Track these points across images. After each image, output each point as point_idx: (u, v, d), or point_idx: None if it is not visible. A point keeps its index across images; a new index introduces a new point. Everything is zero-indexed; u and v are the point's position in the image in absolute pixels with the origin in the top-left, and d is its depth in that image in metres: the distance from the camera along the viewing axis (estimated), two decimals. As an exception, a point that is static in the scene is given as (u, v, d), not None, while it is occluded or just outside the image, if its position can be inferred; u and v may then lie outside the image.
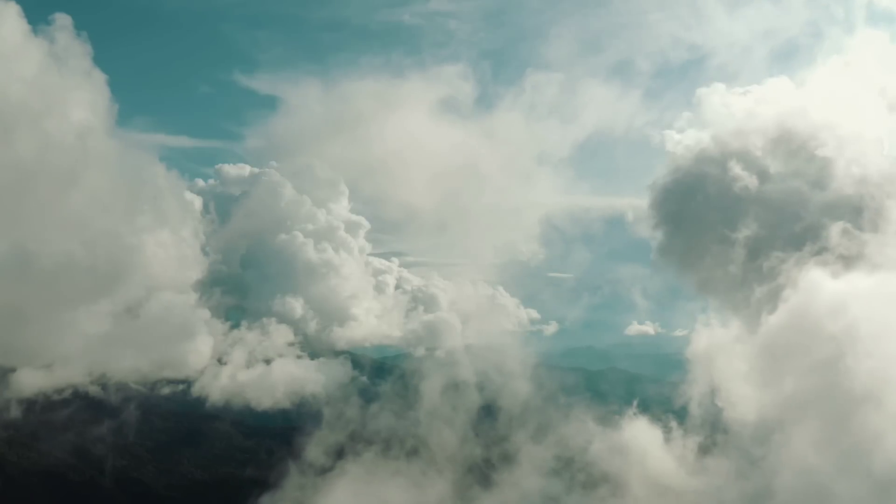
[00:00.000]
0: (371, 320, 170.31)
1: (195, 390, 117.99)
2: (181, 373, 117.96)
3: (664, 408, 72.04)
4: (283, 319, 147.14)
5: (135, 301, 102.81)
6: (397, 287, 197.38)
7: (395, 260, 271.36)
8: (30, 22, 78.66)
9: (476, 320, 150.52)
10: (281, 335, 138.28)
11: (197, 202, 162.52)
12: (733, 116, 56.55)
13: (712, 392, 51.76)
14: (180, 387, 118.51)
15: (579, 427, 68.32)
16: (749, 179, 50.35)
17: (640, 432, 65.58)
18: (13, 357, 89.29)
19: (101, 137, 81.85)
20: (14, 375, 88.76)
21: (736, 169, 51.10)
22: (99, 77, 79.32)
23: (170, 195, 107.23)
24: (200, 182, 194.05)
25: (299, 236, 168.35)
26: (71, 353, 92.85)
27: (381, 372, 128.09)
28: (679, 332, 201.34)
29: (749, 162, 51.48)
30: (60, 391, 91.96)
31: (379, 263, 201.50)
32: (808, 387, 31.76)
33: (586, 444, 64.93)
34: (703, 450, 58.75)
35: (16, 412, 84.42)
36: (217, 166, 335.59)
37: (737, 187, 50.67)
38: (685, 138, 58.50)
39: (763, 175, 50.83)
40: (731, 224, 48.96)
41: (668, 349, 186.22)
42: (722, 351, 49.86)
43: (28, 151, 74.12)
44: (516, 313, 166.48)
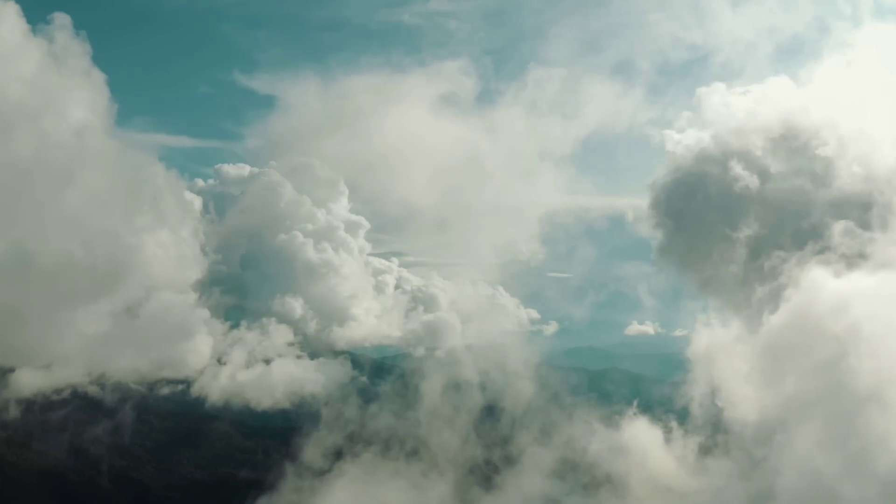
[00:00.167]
0: (371, 320, 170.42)
1: (194, 390, 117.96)
2: (180, 373, 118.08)
3: (665, 408, 71.73)
4: (283, 319, 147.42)
5: (134, 301, 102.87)
6: (397, 287, 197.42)
7: (395, 260, 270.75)
8: (29, 21, 78.63)
9: (476, 320, 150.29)
10: (280, 335, 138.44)
11: (196, 202, 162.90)
12: (734, 116, 56.42)
13: (713, 392, 51.59)
14: (180, 387, 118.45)
15: (580, 427, 68.06)
16: (750, 179, 50.16)
17: (641, 433, 65.33)
18: (12, 357, 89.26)
19: (101, 137, 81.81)
20: (13, 375, 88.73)
21: (737, 168, 50.94)
22: (98, 77, 79.24)
23: (169, 195, 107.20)
24: (200, 182, 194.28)
25: (299, 236, 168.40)
26: (70, 353, 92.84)
27: (381, 372, 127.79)
28: (679, 332, 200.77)
29: (750, 161, 51.31)
30: (59, 391, 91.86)
31: (379, 263, 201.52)
32: (811, 387, 31.54)
33: (588, 445, 64.67)
34: (705, 450, 58.48)
35: (15, 412, 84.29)
36: (216, 166, 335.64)
37: (737, 187, 50.51)
38: (685, 138, 58.41)
39: (764, 174, 50.65)
40: (732, 223, 48.81)
41: (669, 349, 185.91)
42: (723, 351, 49.70)
43: (27, 151, 74.14)
44: (516, 313, 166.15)
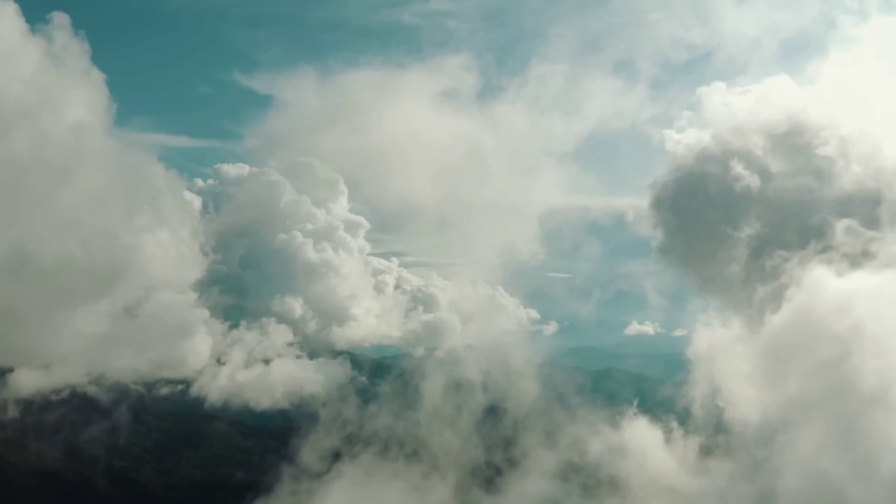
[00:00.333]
0: (370, 320, 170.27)
1: (194, 390, 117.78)
2: (180, 373, 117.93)
3: (666, 408, 71.56)
4: (283, 319, 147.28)
5: (133, 301, 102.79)
6: (397, 287, 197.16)
7: (395, 260, 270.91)
8: (28, 21, 78.54)
9: (476, 320, 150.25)
10: (280, 335, 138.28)
11: (196, 202, 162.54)
12: (734, 115, 56.24)
13: (714, 393, 51.42)
14: (179, 387, 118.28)
15: (581, 428, 67.79)
16: (751, 178, 49.97)
17: (642, 433, 65.13)
18: (11, 357, 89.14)
19: (100, 137, 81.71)
20: (12, 376, 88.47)
21: (737, 168, 50.76)
22: (97, 76, 79.12)
23: (169, 195, 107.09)
24: (200, 182, 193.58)
25: (298, 236, 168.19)
26: (69, 354, 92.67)
27: (381, 372, 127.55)
28: (679, 332, 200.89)
29: (751, 161, 51.12)
30: (58, 391, 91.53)
31: (378, 263, 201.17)
32: (813, 388, 31.30)
33: (589, 446, 64.43)
34: (706, 451, 58.32)
35: (13, 412, 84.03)
36: (216, 166, 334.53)
37: (738, 186, 50.31)
38: (685, 137, 58.26)
39: (765, 174, 50.47)
40: (733, 223, 48.65)
41: (669, 349, 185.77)
42: (723, 351, 49.57)
43: (26, 151, 73.96)
44: (516, 313, 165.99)
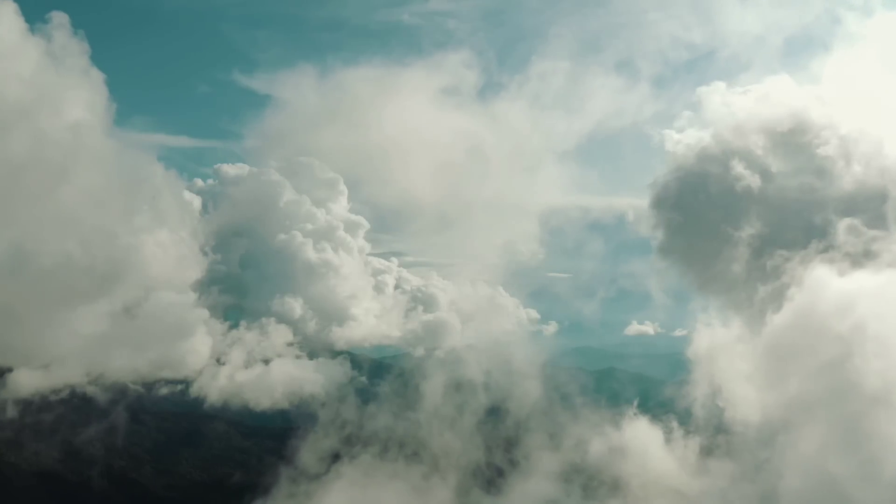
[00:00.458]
0: (370, 320, 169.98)
1: (193, 391, 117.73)
2: (179, 373, 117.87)
3: (666, 409, 71.46)
4: (282, 319, 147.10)
5: (133, 301, 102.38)
6: (396, 287, 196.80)
7: (395, 260, 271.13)
8: (27, 20, 78.14)
9: (475, 320, 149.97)
10: (280, 335, 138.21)
11: (196, 202, 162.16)
12: (734, 115, 56.17)
13: (715, 393, 51.29)
14: (178, 387, 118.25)
15: (582, 428, 67.68)
16: (751, 178, 49.86)
17: (643, 434, 64.96)
18: (10, 357, 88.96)
19: (99, 137, 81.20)
20: (11, 376, 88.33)
21: (738, 167, 50.65)
22: (97, 76, 78.49)
23: (168, 195, 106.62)
24: (199, 182, 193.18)
25: (298, 236, 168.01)
26: (68, 354, 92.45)
27: (380, 372, 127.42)
28: (679, 332, 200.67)
29: (751, 160, 51.02)
30: (58, 391, 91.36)
31: (378, 263, 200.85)
32: (815, 388, 31.13)
33: (589, 446, 64.31)
34: (707, 451, 58.17)
35: (12, 413, 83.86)
36: (216, 166, 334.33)
37: (739, 186, 50.21)
38: (685, 137, 58.20)
39: (765, 173, 50.37)
40: (734, 222, 48.57)
41: (668, 349, 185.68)
42: (724, 351, 49.49)
43: (25, 150, 73.60)
44: (516, 313, 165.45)
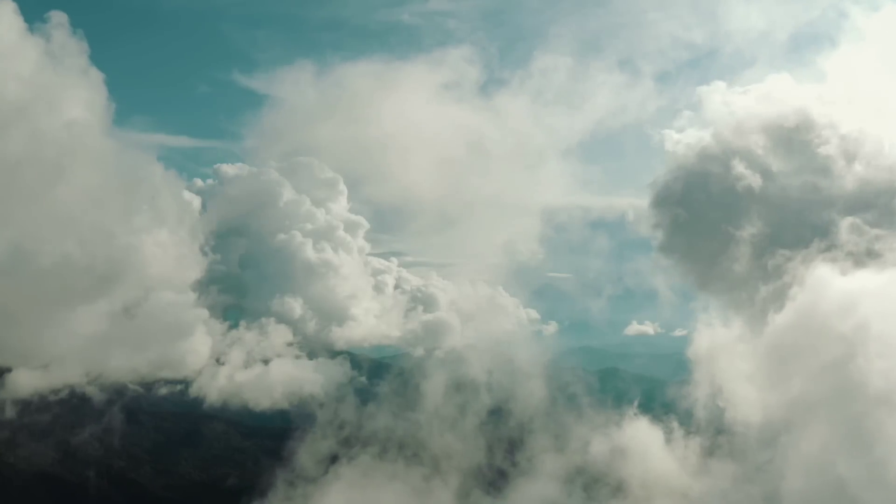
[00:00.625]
0: (370, 320, 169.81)
1: (193, 391, 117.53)
2: (179, 373, 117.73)
3: (667, 409, 71.30)
4: (282, 319, 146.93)
5: (132, 301, 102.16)
6: (396, 287, 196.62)
7: (395, 260, 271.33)
8: (26, 20, 77.93)
9: (475, 320, 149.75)
10: (279, 335, 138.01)
11: (195, 202, 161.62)
12: (734, 114, 56.05)
13: (716, 393, 51.12)
14: (178, 387, 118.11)
15: (582, 428, 67.54)
16: (752, 177, 49.70)
17: (644, 434, 64.75)
18: (9, 357, 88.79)
19: (98, 136, 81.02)
20: (10, 376, 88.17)
21: (739, 167, 50.50)
22: (96, 76, 78.23)
23: (168, 195, 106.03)
24: (199, 182, 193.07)
25: (298, 236, 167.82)
26: (67, 354, 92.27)
27: (380, 372, 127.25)
28: (679, 332, 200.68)
29: (752, 160, 50.88)
30: (57, 392, 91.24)
31: (378, 263, 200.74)
32: (817, 389, 30.93)
33: (590, 447, 64.14)
34: (709, 452, 57.96)
35: (11, 413, 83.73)
36: (215, 166, 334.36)
37: (740, 185, 50.06)
38: (685, 137, 58.10)
39: (766, 172, 50.22)
40: (735, 222, 48.41)
41: (668, 349, 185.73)
42: (724, 351, 49.33)
43: (24, 150, 73.46)
44: (516, 313, 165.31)
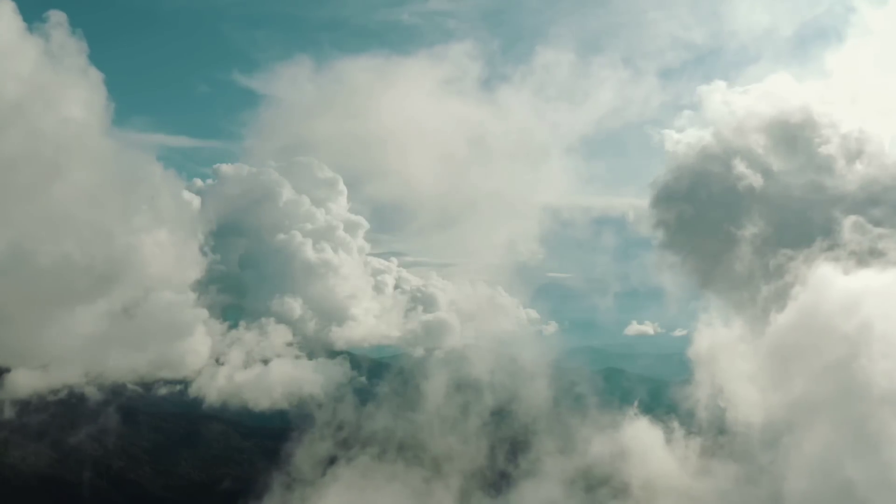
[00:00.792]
0: (370, 320, 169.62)
1: (192, 391, 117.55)
2: (178, 373, 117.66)
3: (667, 409, 71.21)
4: (282, 319, 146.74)
5: (132, 301, 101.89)
6: (396, 287, 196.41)
7: (394, 260, 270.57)
8: (25, 19, 77.56)
9: (475, 320, 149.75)
10: (279, 335, 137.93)
11: (195, 202, 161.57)
12: (735, 114, 55.97)
13: (717, 394, 50.98)
14: (177, 387, 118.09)
15: (583, 429, 67.43)
16: (753, 177, 49.59)
17: (644, 435, 64.60)
18: (8, 357, 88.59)
19: (97, 136, 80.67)
20: (9, 376, 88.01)
21: (740, 166, 50.40)
22: (95, 75, 77.75)
23: (167, 195, 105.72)
24: (199, 182, 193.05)
25: (298, 236, 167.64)
26: (67, 354, 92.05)
27: (380, 372, 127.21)
28: (679, 332, 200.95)
29: (753, 159, 50.78)
30: (56, 392, 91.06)
31: (378, 263, 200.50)
32: (820, 389, 30.72)
33: (591, 447, 64.01)
34: (708, 452, 57.82)
35: (10, 413, 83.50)
36: (215, 166, 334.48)
37: (741, 185, 49.95)
38: (685, 137, 58.04)
39: (767, 172, 50.12)
40: (736, 221, 48.29)
41: (668, 349, 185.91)
42: (725, 351, 49.19)
43: (23, 150, 73.24)
44: (515, 313, 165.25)
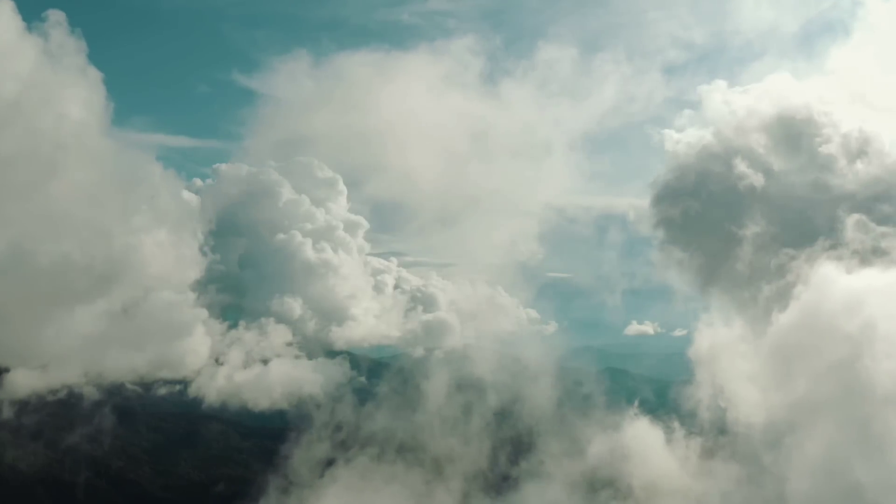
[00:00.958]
0: (370, 320, 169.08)
1: (192, 391, 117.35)
2: (178, 373, 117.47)
3: (668, 409, 71.09)
4: (281, 319, 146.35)
5: (131, 301, 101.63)
6: (396, 287, 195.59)
7: (394, 259, 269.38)
8: (24, 19, 77.32)
9: (475, 320, 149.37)
10: (279, 335, 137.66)
11: (195, 202, 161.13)
12: (735, 113, 55.84)
13: (717, 394, 50.83)
14: (177, 387, 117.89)
15: (583, 429, 67.30)
16: (754, 176, 49.44)
17: (645, 435, 64.46)
18: (7, 357, 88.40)
19: (97, 136, 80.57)
20: (8, 376, 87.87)
21: (741, 165, 50.25)
22: (94, 75, 77.61)
23: (167, 195, 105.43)
24: (198, 181, 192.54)
25: (297, 236, 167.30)
26: (66, 354, 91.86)
27: (380, 372, 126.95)
28: (679, 332, 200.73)
29: (753, 158, 50.64)
30: (55, 392, 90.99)
31: (378, 263, 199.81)
32: (823, 389, 30.53)
33: (592, 448, 63.88)
34: (709, 453, 57.66)
35: (9, 413, 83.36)
36: (215, 166, 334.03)
37: (742, 184, 49.80)
38: (685, 136, 57.90)
39: (768, 171, 49.99)
40: (737, 221, 48.15)
41: (668, 349, 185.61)
42: (726, 351, 49.03)
43: (22, 149, 73.11)
44: (515, 313, 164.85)
